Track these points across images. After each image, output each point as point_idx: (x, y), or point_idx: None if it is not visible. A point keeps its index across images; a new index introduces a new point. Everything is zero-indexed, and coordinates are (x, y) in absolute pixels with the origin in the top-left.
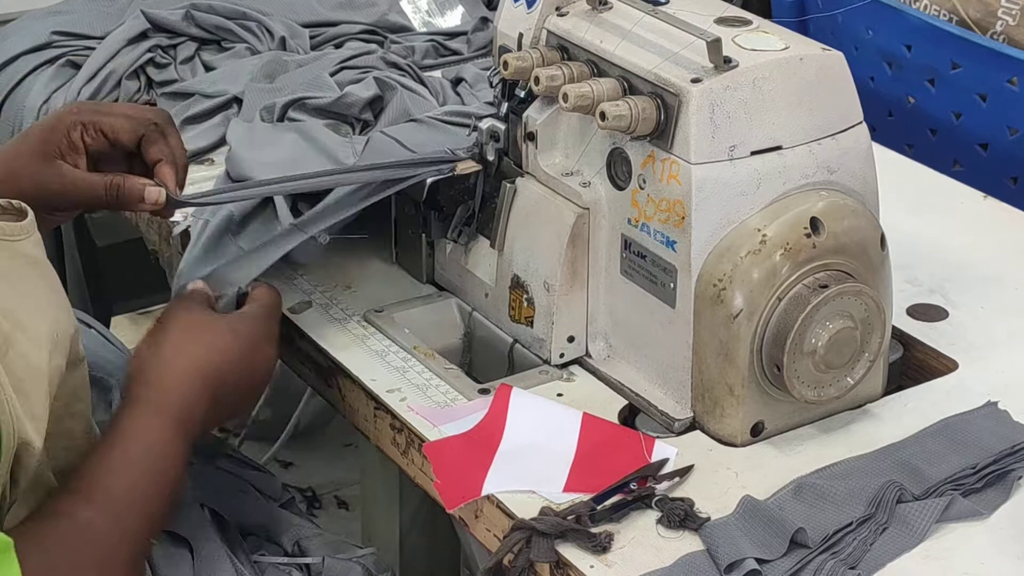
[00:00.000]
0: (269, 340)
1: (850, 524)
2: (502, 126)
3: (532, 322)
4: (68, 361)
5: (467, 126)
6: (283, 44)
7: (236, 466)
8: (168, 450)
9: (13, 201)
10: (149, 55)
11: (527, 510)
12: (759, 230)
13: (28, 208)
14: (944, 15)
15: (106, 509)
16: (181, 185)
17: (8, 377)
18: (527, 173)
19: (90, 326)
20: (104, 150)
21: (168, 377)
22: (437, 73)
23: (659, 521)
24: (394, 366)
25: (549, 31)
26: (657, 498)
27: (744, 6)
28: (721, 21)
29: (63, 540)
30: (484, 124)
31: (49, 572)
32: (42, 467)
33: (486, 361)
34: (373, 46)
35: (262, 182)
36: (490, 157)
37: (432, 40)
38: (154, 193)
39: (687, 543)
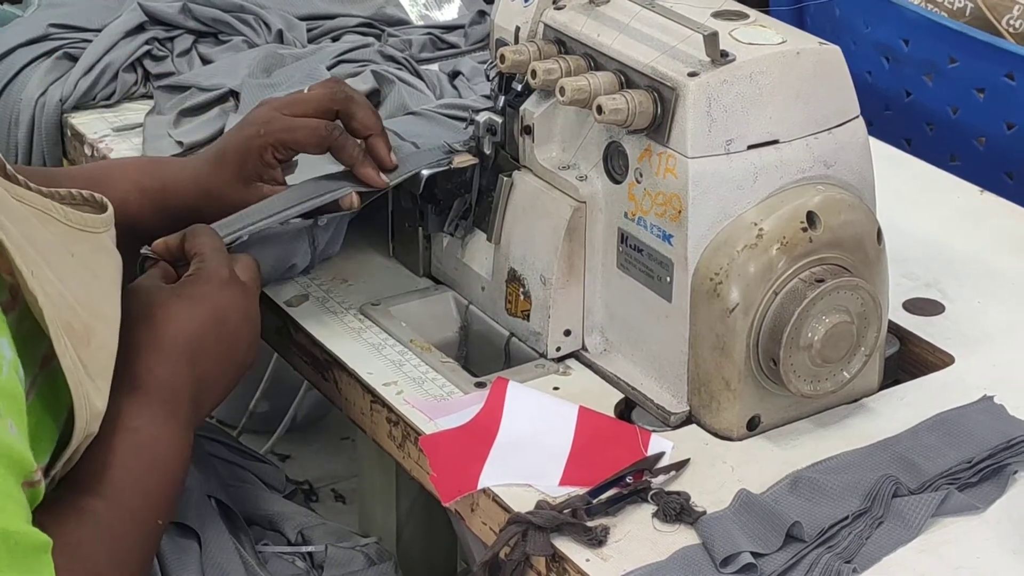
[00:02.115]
0: (224, 287)
1: (846, 518)
2: (499, 119)
3: (528, 316)
4: None
5: (464, 119)
6: (280, 37)
7: (240, 457)
8: (164, 441)
9: (96, 194)
10: (146, 48)
11: (523, 504)
12: (756, 224)
13: (108, 202)
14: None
15: (115, 502)
16: (385, 160)
17: (90, 368)
18: (524, 167)
19: None
20: (295, 157)
21: (143, 369)
22: (434, 66)
23: (655, 515)
24: (390, 359)
25: (546, 25)
26: (653, 492)
27: (741, 0)
28: (718, 15)
29: (79, 536)
30: (481, 117)
31: (70, 571)
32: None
33: (482, 355)
34: (370, 39)
35: (280, 208)
36: (487, 150)
37: (429, 33)
38: (347, 201)
39: (683, 537)
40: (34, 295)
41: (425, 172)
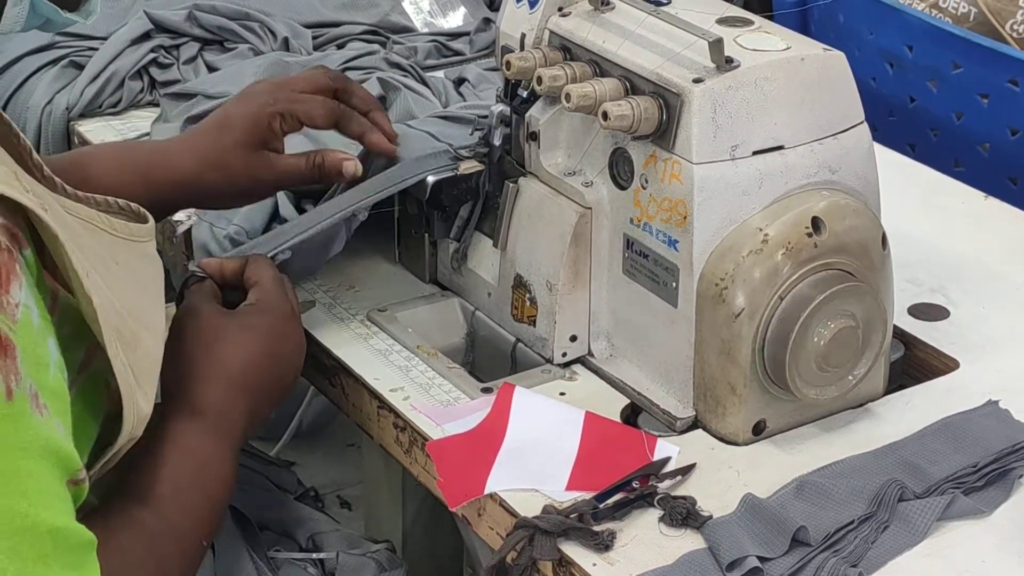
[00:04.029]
0: (286, 320)
1: (851, 522)
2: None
3: (535, 321)
4: None
5: (485, 118)
6: (286, 45)
7: (252, 460)
8: (214, 463)
9: (132, 204)
10: (152, 55)
11: (530, 508)
12: (761, 229)
13: (148, 213)
14: (963, 3)
15: (161, 515)
16: (390, 133)
17: (137, 373)
18: (530, 173)
19: None
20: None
21: (201, 393)
22: (440, 73)
23: (661, 519)
24: (397, 365)
25: (551, 31)
26: (659, 496)
27: (746, 6)
28: (723, 21)
29: (124, 541)
30: (495, 108)
31: (114, 573)
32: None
33: (489, 360)
34: (375, 46)
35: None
36: (496, 142)
37: (434, 41)
38: (351, 167)
39: (689, 541)
40: (89, 296)
41: (431, 178)
